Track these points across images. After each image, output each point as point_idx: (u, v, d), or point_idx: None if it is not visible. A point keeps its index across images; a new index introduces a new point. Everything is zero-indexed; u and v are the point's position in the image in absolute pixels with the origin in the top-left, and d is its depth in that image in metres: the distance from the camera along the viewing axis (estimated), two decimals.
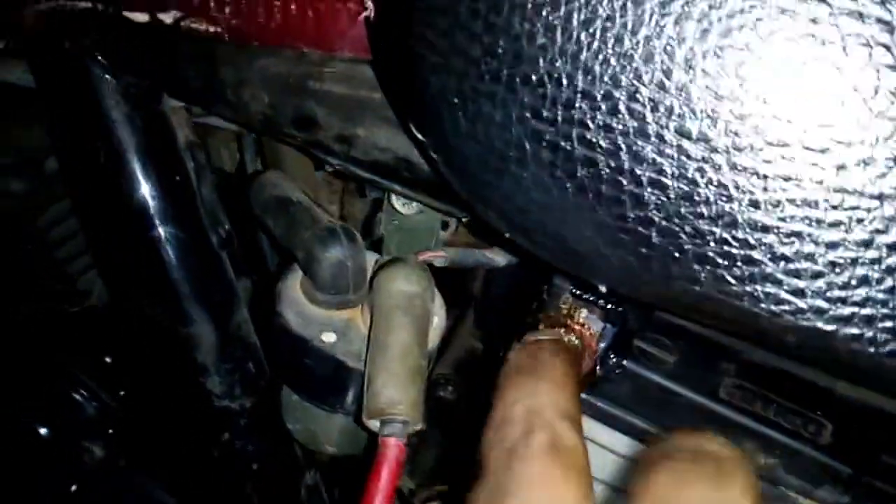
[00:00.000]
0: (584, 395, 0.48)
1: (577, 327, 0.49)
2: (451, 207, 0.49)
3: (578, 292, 0.48)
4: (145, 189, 0.55)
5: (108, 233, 0.59)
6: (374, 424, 0.45)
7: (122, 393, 0.97)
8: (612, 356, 0.47)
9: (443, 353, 0.79)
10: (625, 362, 0.47)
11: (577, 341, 0.46)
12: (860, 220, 0.30)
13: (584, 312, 0.49)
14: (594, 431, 0.49)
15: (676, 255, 0.33)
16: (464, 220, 0.55)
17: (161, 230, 0.56)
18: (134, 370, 0.91)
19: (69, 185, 0.63)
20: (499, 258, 0.57)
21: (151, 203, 0.55)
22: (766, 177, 0.31)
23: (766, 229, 0.31)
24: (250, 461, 0.61)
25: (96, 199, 0.58)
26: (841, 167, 0.30)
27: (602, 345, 0.48)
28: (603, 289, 0.37)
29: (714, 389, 0.46)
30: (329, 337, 0.51)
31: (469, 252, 0.56)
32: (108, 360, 0.98)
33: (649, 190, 0.32)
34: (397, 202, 0.55)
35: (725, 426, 0.45)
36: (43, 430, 0.98)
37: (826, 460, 0.43)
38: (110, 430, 0.97)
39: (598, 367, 0.47)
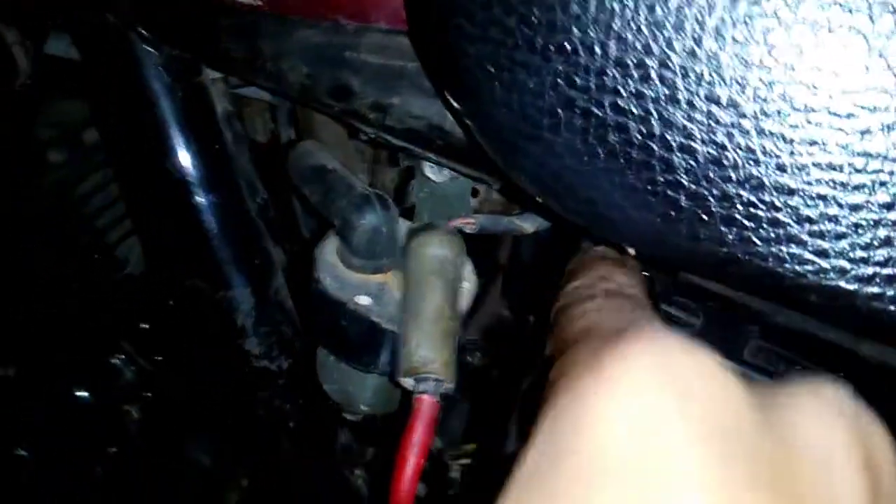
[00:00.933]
0: None
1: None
2: (483, 174, 0.50)
3: None
4: (185, 158, 0.57)
5: (149, 201, 0.61)
6: (408, 383, 0.47)
7: (158, 358, 1.01)
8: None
9: (471, 319, 0.81)
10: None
11: None
12: (883, 183, 0.31)
13: None
14: None
15: (704, 217, 0.34)
16: (495, 186, 0.56)
17: (201, 198, 0.58)
18: (171, 335, 0.93)
19: (111, 154, 0.65)
20: (527, 225, 0.58)
21: (191, 171, 0.57)
22: (792, 141, 0.32)
23: (791, 192, 0.32)
24: (287, 419, 0.64)
25: (138, 167, 0.61)
26: (865, 132, 0.31)
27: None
28: (631, 251, 0.38)
29: (738, 351, 0.47)
30: (364, 300, 0.53)
31: (498, 219, 0.57)
32: (145, 326, 1.02)
33: (679, 155, 0.33)
34: (429, 170, 0.56)
35: None
36: (83, 394, 1.02)
37: None
38: (147, 394, 1.01)
39: None
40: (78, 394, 1.01)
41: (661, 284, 0.50)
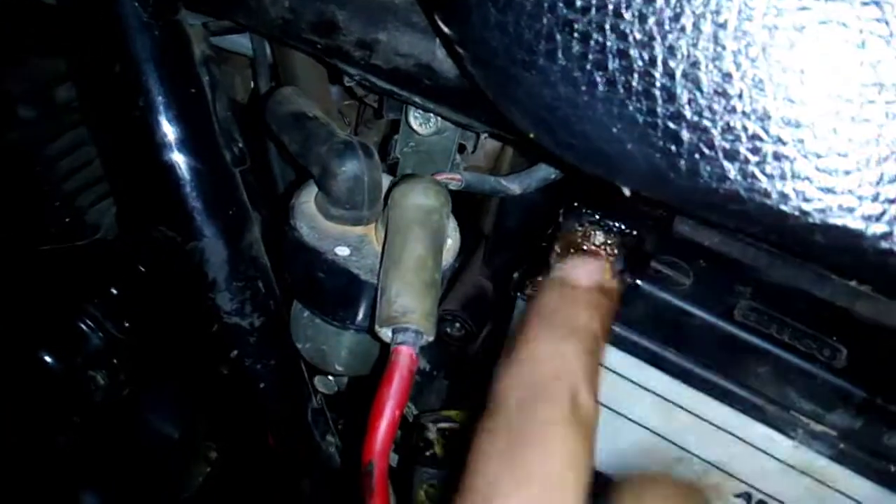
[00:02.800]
0: None
1: (592, 249, 0.49)
2: (472, 120, 0.48)
3: (594, 215, 0.48)
4: (160, 101, 0.54)
5: (122, 145, 0.58)
6: (386, 334, 0.45)
7: (127, 324, 0.98)
8: (627, 277, 0.47)
9: (451, 289, 0.79)
10: (639, 283, 0.47)
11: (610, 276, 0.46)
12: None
13: (601, 235, 0.48)
14: (608, 356, 0.48)
15: (706, 151, 0.32)
16: (484, 133, 0.54)
17: (174, 142, 0.55)
18: (142, 296, 0.90)
19: (84, 99, 0.62)
20: (514, 186, 0.56)
21: (165, 116, 0.55)
22: (802, 71, 0.30)
23: (799, 125, 0.31)
24: (258, 380, 0.61)
25: (111, 110, 0.58)
26: (878, 62, 0.29)
27: (618, 266, 0.47)
28: (626, 192, 0.36)
29: (729, 311, 0.45)
30: (343, 251, 0.51)
31: (484, 178, 0.55)
32: (114, 291, 0.98)
33: (682, 83, 0.32)
34: (415, 121, 0.54)
35: (740, 348, 0.44)
36: (48, 359, 0.99)
37: (840, 383, 0.43)
38: (115, 361, 0.98)
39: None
40: (43, 358, 0.97)
41: (652, 241, 0.48)
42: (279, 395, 0.64)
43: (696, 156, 0.32)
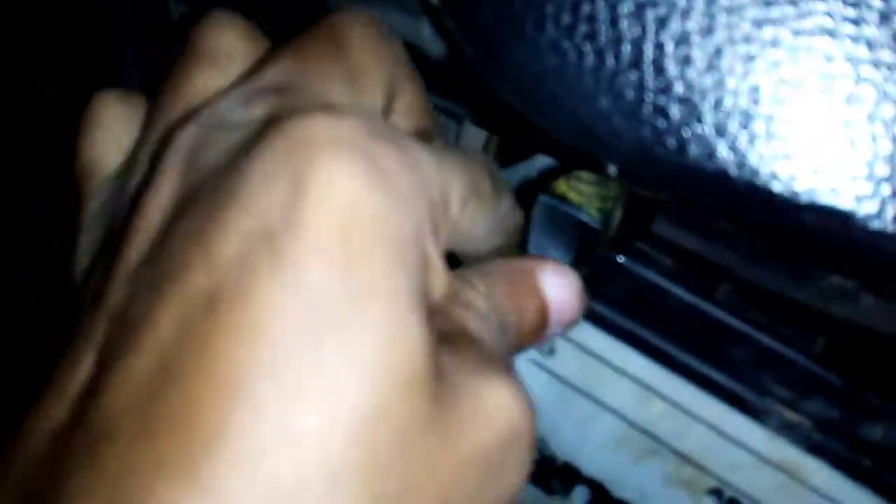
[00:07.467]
0: None
1: None
2: (460, 106, 0.47)
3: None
4: (134, 69, 0.53)
5: None
6: None
7: None
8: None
9: None
10: (619, 259, 0.46)
11: None
12: (887, 95, 0.29)
13: None
14: (589, 337, 0.48)
15: (695, 127, 0.32)
16: (468, 118, 0.53)
17: None
18: None
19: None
20: None
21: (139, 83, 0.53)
22: (796, 47, 0.30)
23: (790, 103, 0.30)
24: None
25: (86, 76, 0.56)
26: (875, 38, 0.29)
27: None
28: (613, 170, 0.36)
29: (710, 292, 0.45)
30: None
31: None
32: None
33: (672, 58, 0.31)
34: None
35: (718, 328, 0.44)
36: None
37: (818, 370, 0.43)
38: None
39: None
40: None
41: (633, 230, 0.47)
42: None
43: (685, 132, 0.32)
